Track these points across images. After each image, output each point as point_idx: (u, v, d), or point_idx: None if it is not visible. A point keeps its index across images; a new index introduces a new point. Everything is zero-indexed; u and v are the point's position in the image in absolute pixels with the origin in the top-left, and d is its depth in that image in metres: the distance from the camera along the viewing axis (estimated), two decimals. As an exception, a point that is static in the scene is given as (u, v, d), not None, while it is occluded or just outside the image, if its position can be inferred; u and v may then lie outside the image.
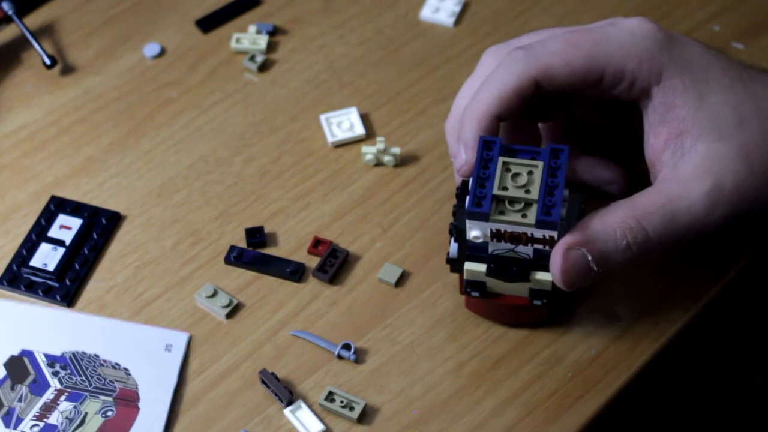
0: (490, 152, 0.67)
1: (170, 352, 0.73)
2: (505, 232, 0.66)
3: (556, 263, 0.66)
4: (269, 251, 0.78)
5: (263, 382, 0.71)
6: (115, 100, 0.87)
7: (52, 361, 0.73)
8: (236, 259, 0.77)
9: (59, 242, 0.78)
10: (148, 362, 0.73)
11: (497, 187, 0.65)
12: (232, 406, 0.71)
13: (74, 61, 0.90)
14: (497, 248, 0.67)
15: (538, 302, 0.70)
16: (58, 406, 0.71)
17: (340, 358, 0.73)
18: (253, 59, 0.88)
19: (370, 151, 0.82)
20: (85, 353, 0.74)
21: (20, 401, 0.72)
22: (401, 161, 0.83)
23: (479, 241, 0.67)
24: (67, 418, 0.71)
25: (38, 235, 0.79)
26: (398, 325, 0.74)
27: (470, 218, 0.66)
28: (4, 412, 0.71)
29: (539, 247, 0.66)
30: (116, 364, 0.73)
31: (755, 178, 0.67)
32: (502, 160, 0.66)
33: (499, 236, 0.66)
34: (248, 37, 0.90)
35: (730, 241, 0.77)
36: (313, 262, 0.77)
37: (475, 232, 0.66)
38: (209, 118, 0.86)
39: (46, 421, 0.71)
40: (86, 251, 0.78)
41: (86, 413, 0.71)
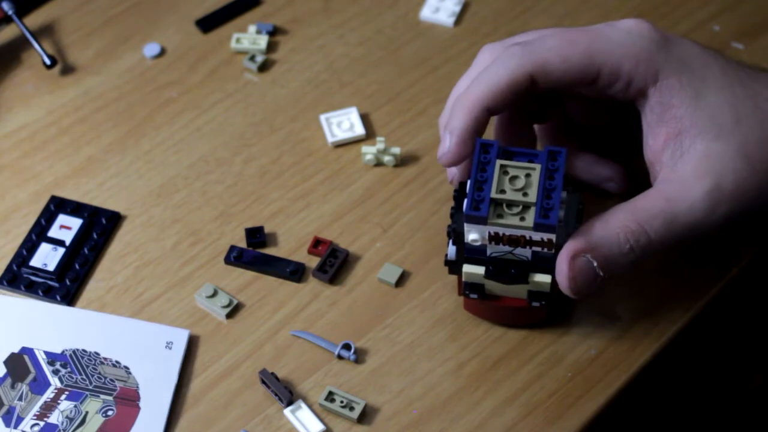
0: (487, 155, 0.66)
1: (171, 349, 0.73)
2: (503, 235, 0.66)
3: (562, 271, 0.66)
4: (269, 251, 0.78)
5: (263, 382, 0.71)
6: (115, 100, 0.87)
7: (52, 359, 0.73)
8: (236, 259, 0.77)
9: (59, 242, 0.78)
10: (148, 360, 0.73)
11: (495, 190, 0.65)
12: (232, 406, 0.71)
13: (74, 61, 0.90)
14: (495, 251, 0.67)
15: (536, 304, 0.70)
16: (58, 405, 0.71)
17: (340, 358, 0.73)
18: (253, 59, 0.88)
19: (370, 151, 0.82)
20: (85, 351, 0.74)
21: (20, 400, 0.72)
22: (401, 161, 0.83)
23: (477, 243, 0.66)
24: (67, 417, 0.71)
25: (38, 235, 0.79)
26: (398, 325, 0.74)
27: (468, 222, 0.65)
28: (4, 411, 0.71)
29: (537, 249, 0.66)
30: (116, 362, 0.73)
31: (757, 177, 0.67)
32: (499, 162, 0.66)
33: (497, 239, 0.66)
34: (248, 37, 0.90)
35: (731, 239, 0.77)
36: (313, 262, 0.77)
37: (473, 235, 0.66)
38: (209, 118, 0.86)
39: (46, 420, 0.71)
40: (86, 251, 0.78)
41: (87, 412, 0.71)
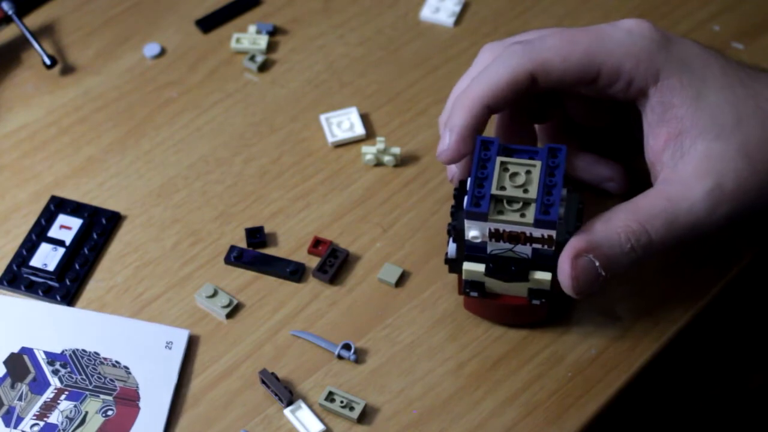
0: (487, 152, 0.67)
1: (171, 349, 0.73)
2: (503, 231, 0.66)
3: (565, 271, 0.66)
4: (269, 251, 0.78)
5: (263, 382, 0.71)
6: (115, 100, 0.87)
7: (52, 359, 0.73)
8: (236, 259, 0.77)
9: (59, 242, 0.78)
10: (148, 360, 0.73)
11: (495, 186, 0.65)
12: (232, 406, 0.71)
13: (74, 61, 0.90)
14: (496, 248, 0.67)
15: (536, 301, 0.70)
16: (58, 405, 0.71)
17: (340, 358, 0.73)
18: (253, 59, 0.88)
19: (370, 151, 0.82)
20: (85, 351, 0.73)
21: (20, 400, 0.72)
22: (401, 161, 0.82)
23: (478, 241, 0.67)
24: (67, 417, 0.71)
25: (38, 235, 0.79)
26: (398, 325, 0.74)
27: (469, 218, 0.66)
28: (4, 411, 0.71)
29: (538, 246, 0.66)
30: (116, 362, 0.73)
31: (757, 176, 0.67)
32: (500, 159, 0.66)
33: (497, 236, 0.66)
34: (248, 37, 0.90)
35: (732, 239, 0.77)
36: (313, 262, 0.77)
37: (473, 232, 0.66)
38: (209, 118, 0.86)
39: (46, 420, 0.71)
40: (86, 251, 0.78)
41: (86, 412, 0.71)
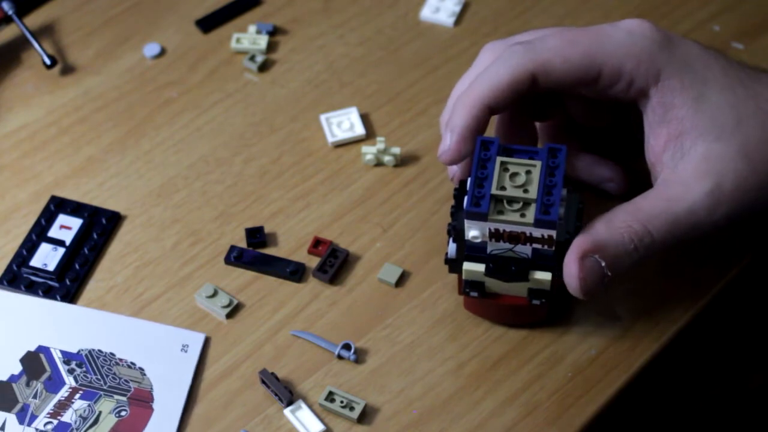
0: (487, 152, 0.67)
1: (186, 352, 0.73)
2: (503, 231, 0.66)
3: (572, 272, 0.66)
4: (269, 251, 0.78)
5: (263, 382, 0.71)
6: (115, 100, 0.87)
7: (68, 358, 0.73)
8: (236, 259, 0.77)
9: (59, 242, 0.78)
10: (163, 362, 0.73)
11: (495, 186, 0.65)
12: (232, 406, 0.71)
13: (74, 61, 0.90)
14: (496, 248, 0.67)
15: (536, 302, 0.70)
16: (72, 404, 0.71)
17: (340, 358, 0.73)
18: (253, 59, 0.88)
19: (370, 151, 0.82)
20: (101, 351, 0.73)
21: (35, 398, 0.72)
22: (401, 161, 0.82)
23: (478, 241, 0.67)
24: (81, 416, 0.71)
25: (38, 235, 0.79)
26: (398, 325, 0.74)
27: (469, 218, 0.66)
28: (18, 408, 0.71)
29: (538, 246, 0.66)
30: (132, 363, 0.73)
31: (757, 177, 0.67)
32: (500, 159, 0.66)
33: (497, 236, 0.66)
34: (248, 37, 0.90)
35: (732, 239, 0.77)
36: (313, 262, 0.77)
37: (473, 232, 0.66)
38: (209, 118, 0.86)
39: (60, 418, 0.71)
40: (86, 251, 0.78)
41: (100, 412, 0.71)
